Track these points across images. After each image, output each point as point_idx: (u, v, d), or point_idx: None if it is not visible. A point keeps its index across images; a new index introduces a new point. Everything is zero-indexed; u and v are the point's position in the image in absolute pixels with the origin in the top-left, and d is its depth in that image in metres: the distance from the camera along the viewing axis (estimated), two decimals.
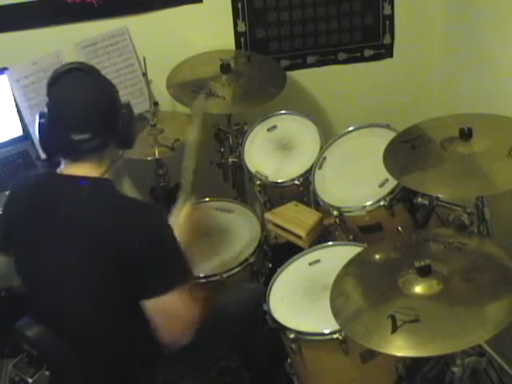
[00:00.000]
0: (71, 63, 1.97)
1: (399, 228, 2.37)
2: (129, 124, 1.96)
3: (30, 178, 2.04)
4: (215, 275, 2.40)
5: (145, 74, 2.85)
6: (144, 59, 2.78)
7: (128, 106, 1.98)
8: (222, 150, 2.96)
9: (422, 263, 1.93)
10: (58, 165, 1.96)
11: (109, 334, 1.95)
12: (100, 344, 1.95)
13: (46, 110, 1.93)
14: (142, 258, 1.86)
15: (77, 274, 1.90)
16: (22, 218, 1.96)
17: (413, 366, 2.17)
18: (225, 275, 2.40)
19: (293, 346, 2.12)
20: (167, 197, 2.91)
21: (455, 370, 2.02)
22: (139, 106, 2.89)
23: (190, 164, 2.23)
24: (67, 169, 1.94)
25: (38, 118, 1.94)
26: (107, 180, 1.96)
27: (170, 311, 1.90)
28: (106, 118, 1.91)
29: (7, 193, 2.07)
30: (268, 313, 2.20)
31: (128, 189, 3.20)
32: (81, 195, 1.89)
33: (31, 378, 1.92)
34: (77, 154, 1.91)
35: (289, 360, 2.28)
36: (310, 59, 3.16)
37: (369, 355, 2.09)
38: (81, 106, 1.89)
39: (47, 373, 1.93)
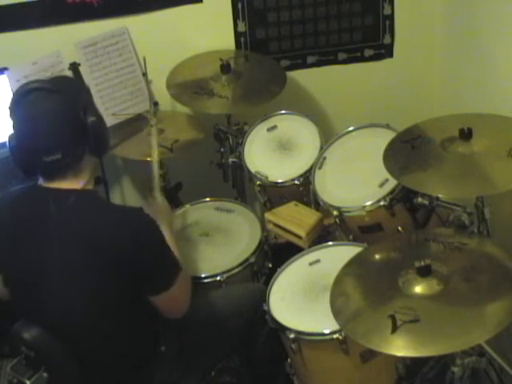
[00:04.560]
0: (30, 83, 1.93)
1: (399, 228, 2.37)
2: (99, 131, 1.94)
3: (14, 191, 2.03)
4: (215, 275, 2.40)
5: (145, 74, 2.85)
6: (144, 59, 2.78)
7: (95, 112, 1.95)
8: (222, 149, 2.96)
9: (422, 263, 1.93)
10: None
11: (107, 334, 1.96)
12: (98, 345, 1.96)
13: (12, 132, 1.92)
14: (137, 262, 1.89)
15: (74, 280, 1.90)
16: (10, 232, 1.96)
17: (413, 366, 2.16)
18: (225, 275, 2.40)
19: (293, 346, 2.11)
20: (167, 197, 2.91)
21: (455, 369, 2.02)
22: (139, 106, 2.89)
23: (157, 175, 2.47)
24: (47, 184, 1.94)
25: (7, 140, 1.93)
26: (90, 191, 1.98)
27: (174, 298, 2.02)
28: (74, 133, 1.90)
29: None
30: (268, 313, 2.20)
31: (128, 189, 3.21)
32: (67, 208, 1.89)
33: (29, 379, 1.92)
34: (52, 173, 1.92)
35: (289, 360, 2.28)
36: (310, 59, 3.16)
37: (369, 355, 2.09)
38: (45, 129, 1.87)
39: (45, 374, 1.93)
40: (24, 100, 1.89)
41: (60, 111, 1.89)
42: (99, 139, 1.95)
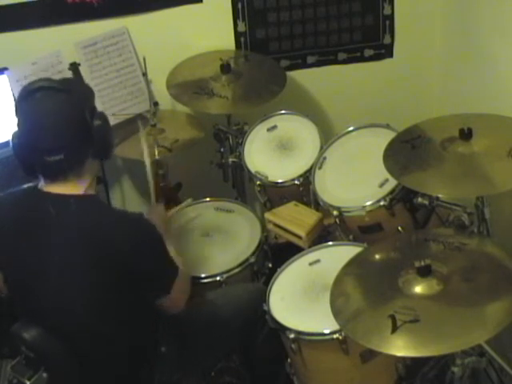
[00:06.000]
0: (38, 81, 1.93)
1: (399, 228, 2.37)
2: (104, 135, 1.93)
3: (14, 193, 2.03)
4: (215, 275, 2.40)
5: (145, 74, 2.85)
6: (144, 59, 2.78)
7: (102, 115, 1.95)
8: (222, 149, 2.96)
9: (422, 263, 1.93)
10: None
11: (107, 335, 1.96)
12: (98, 345, 1.96)
13: (17, 129, 1.91)
14: (136, 266, 1.89)
15: (73, 280, 1.90)
16: (10, 232, 1.95)
17: (413, 366, 2.16)
18: (225, 275, 2.40)
19: (293, 346, 2.11)
20: (167, 197, 2.91)
21: (455, 369, 2.02)
22: (139, 106, 2.90)
23: (151, 179, 2.43)
24: (48, 187, 1.93)
25: (11, 138, 1.92)
26: (92, 196, 1.96)
27: (173, 299, 2.03)
28: (78, 134, 1.88)
29: None
30: (268, 313, 2.20)
31: (128, 189, 3.21)
32: (67, 214, 1.89)
33: (29, 380, 1.92)
34: (53, 174, 1.90)
35: (289, 360, 2.28)
36: (310, 59, 3.16)
37: (369, 355, 2.09)
38: (50, 128, 1.86)
39: (45, 375, 1.93)
40: (30, 97, 1.88)
41: (65, 111, 1.88)
42: (103, 143, 1.94)
